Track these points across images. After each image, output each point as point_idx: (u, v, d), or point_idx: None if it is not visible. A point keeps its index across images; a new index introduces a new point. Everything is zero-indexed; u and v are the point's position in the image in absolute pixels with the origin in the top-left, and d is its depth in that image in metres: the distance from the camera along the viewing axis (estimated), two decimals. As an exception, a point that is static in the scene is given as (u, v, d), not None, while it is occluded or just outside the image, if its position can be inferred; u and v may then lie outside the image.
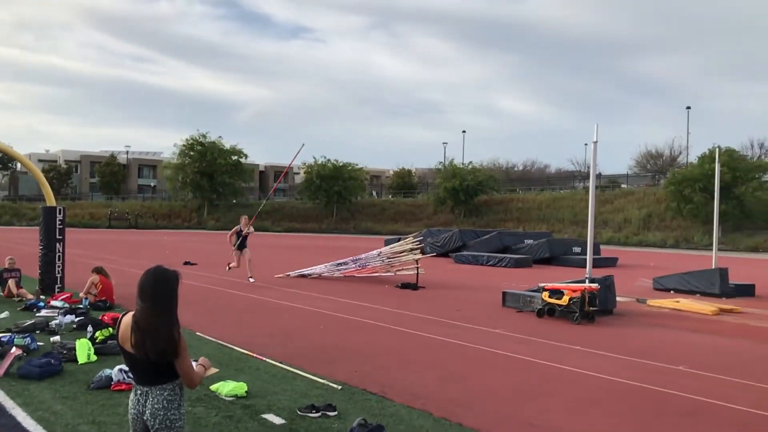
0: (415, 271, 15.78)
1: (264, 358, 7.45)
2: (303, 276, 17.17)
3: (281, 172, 46.04)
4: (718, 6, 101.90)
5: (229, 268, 15.88)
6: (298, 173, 75.76)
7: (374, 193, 77.17)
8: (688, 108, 59.04)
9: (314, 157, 60.47)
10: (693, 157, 50.46)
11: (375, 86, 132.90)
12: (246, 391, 6.02)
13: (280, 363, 7.24)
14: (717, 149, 21.20)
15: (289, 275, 17.21)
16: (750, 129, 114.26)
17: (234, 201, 62.34)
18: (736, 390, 6.87)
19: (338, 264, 17.39)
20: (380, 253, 17.16)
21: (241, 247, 15.42)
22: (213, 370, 3.91)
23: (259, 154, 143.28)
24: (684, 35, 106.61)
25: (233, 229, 15.69)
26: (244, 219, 15.72)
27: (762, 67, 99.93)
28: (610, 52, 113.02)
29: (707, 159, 41.95)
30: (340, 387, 6.38)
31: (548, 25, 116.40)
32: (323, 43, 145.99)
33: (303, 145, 22.42)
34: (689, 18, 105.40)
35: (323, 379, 6.66)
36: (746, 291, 16.08)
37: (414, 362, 7.76)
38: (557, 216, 53.20)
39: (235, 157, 59.70)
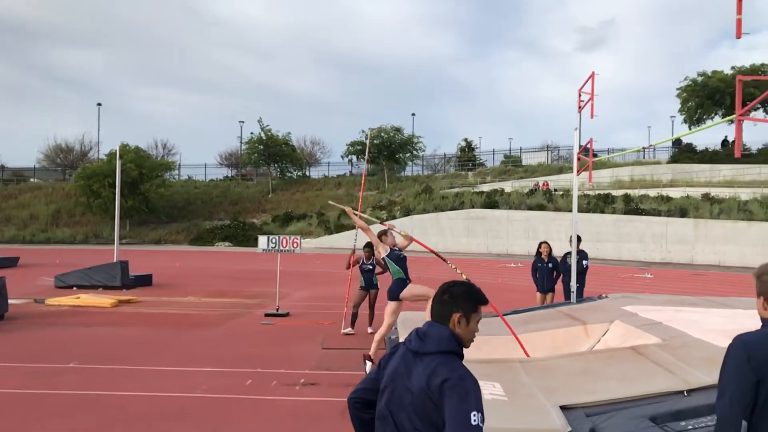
0: None
1: None
2: None
3: None
4: (133, 17, 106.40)
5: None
6: None
7: None
8: (99, 104, 59.58)
9: None
10: (103, 154, 51.08)
11: None
12: None
13: None
14: (119, 147, 22.19)
15: None
16: (156, 130, 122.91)
17: None
18: (121, 376, 7.29)
19: None
20: None
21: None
22: None
23: None
24: (100, 34, 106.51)
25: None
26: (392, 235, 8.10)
27: (166, 77, 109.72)
28: (20, 35, 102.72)
29: (115, 155, 43.23)
30: None
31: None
32: None
33: None
34: (107, 18, 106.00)
35: None
36: (145, 281, 17.36)
37: None
38: (-53, 213, 45.72)
39: None
